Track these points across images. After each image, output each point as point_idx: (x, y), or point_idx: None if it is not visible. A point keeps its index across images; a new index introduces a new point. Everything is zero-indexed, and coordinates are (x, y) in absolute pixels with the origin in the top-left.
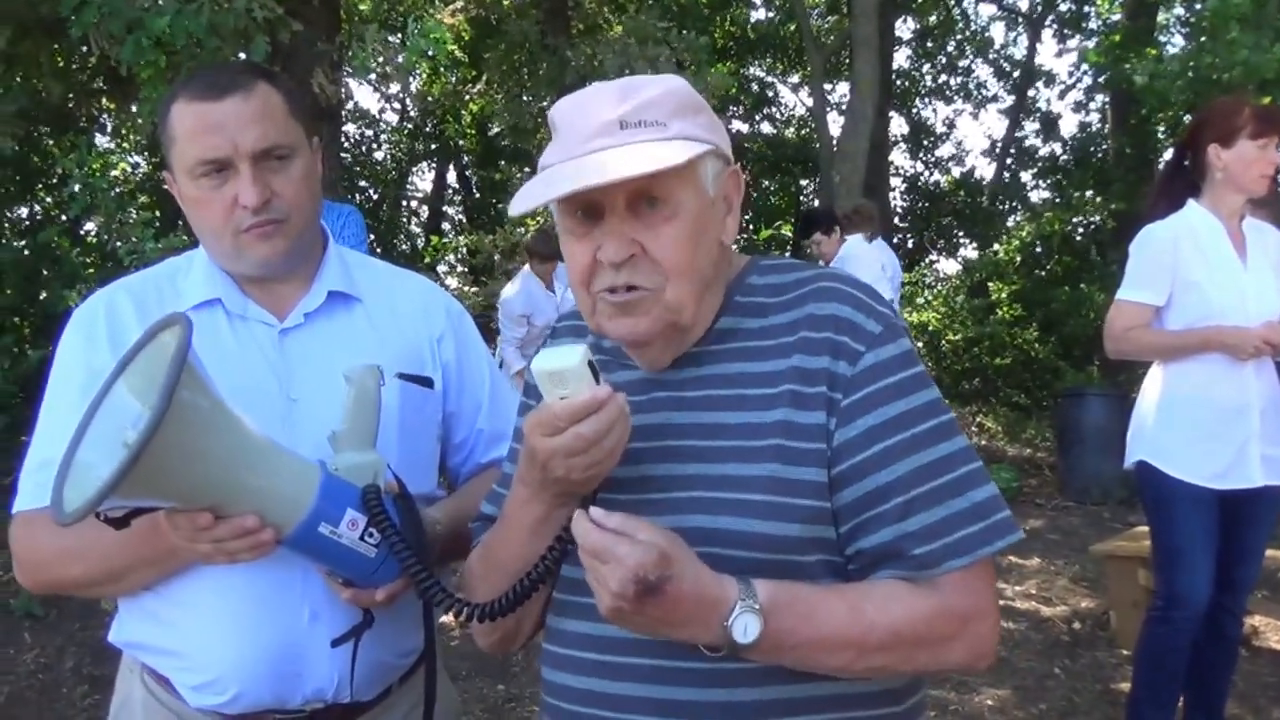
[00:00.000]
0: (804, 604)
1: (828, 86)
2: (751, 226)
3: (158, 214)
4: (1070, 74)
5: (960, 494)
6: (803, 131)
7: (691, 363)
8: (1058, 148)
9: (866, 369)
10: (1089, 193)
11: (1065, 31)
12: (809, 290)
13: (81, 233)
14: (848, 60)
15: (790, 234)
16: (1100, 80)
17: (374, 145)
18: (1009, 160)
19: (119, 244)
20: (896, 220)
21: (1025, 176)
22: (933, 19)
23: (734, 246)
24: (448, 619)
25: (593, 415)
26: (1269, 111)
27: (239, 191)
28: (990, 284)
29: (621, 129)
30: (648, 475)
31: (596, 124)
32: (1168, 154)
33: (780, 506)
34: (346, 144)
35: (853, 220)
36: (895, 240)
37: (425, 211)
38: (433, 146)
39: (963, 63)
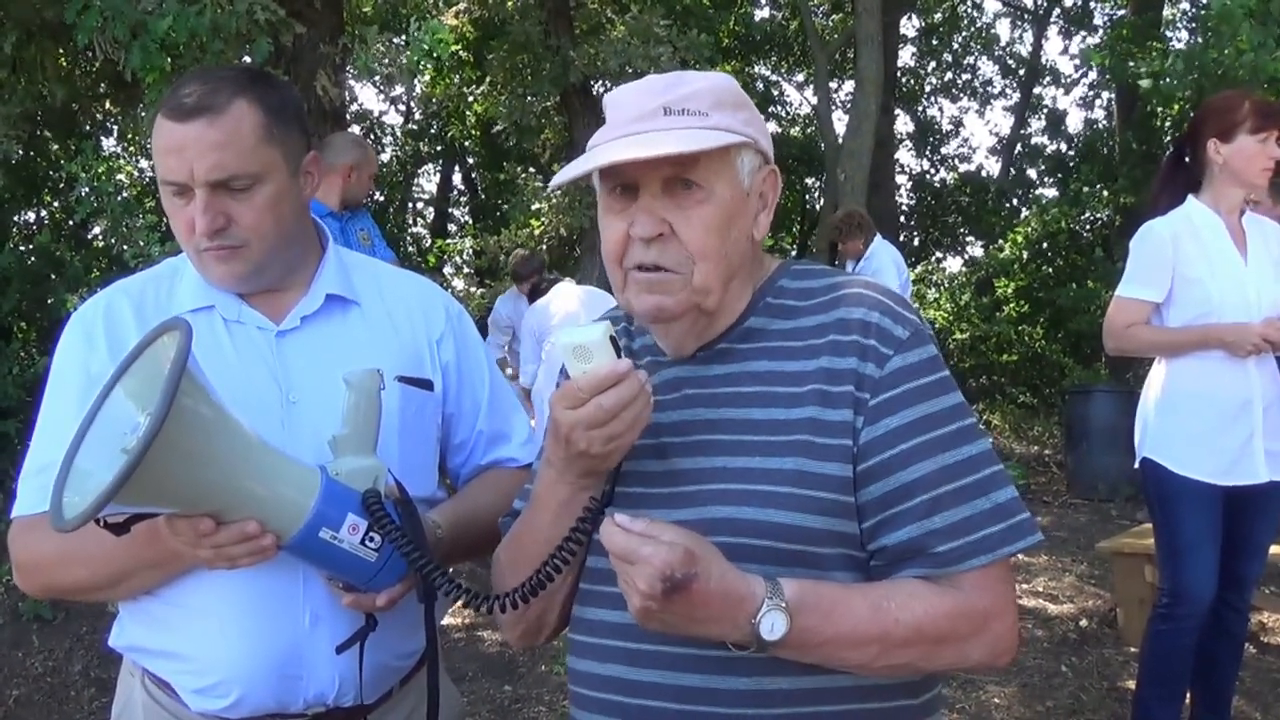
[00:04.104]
0: (829, 601)
1: (832, 85)
2: None
3: (163, 218)
4: (1076, 68)
5: (984, 494)
6: (808, 130)
7: (720, 360)
8: (1064, 144)
9: (894, 371)
10: (1096, 187)
11: (1071, 28)
12: (840, 295)
13: (89, 237)
14: (852, 58)
15: (793, 244)
16: (1105, 77)
17: (379, 147)
18: (1015, 157)
19: (125, 248)
20: (902, 218)
21: (1031, 173)
22: (937, 16)
23: None
24: (451, 620)
25: (613, 388)
26: (1269, 106)
27: (195, 216)
28: (996, 281)
29: (665, 114)
30: (677, 469)
31: (642, 109)
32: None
33: (804, 499)
34: None
35: (844, 229)
36: (901, 238)
37: (431, 213)
38: (438, 148)
39: (968, 60)
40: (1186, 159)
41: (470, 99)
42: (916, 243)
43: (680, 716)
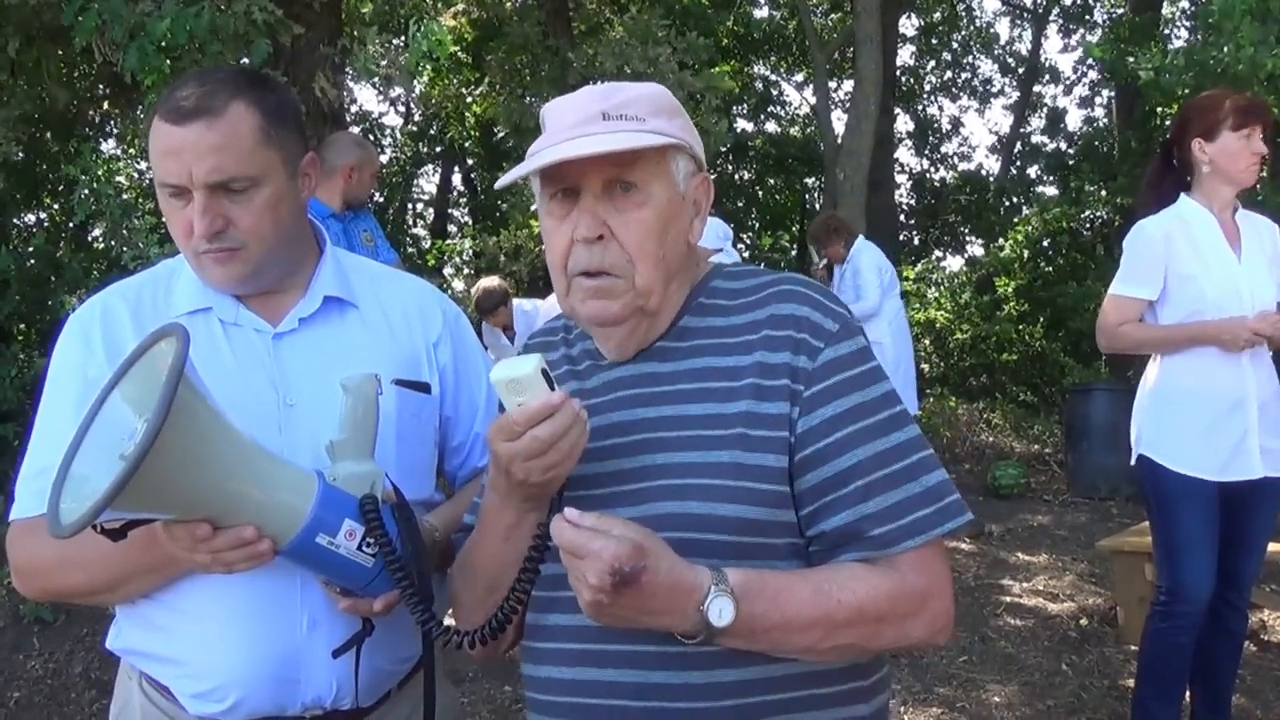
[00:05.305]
0: (772, 588)
1: (831, 84)
2: (757, 226)
3: (163, 219)
4: (1075, 68)
5: (914, 478)
6: (807, 130)
7: (656, 359)
8: (1064, 143)
9: (826, 363)
10: (1095, 186)
11: (1070, 26)
12: (771, 293)
13: (89, 239)
14: (851, 58)
15: (792, 243)
16: (1105, 75)
17: (378, 148)
18: (1015, 156)
19: (124, 250)
20: (902, 217)
21: (1031, 172)
22: (936, 15)
23: (740, 250)
24: (451, 621)
25: (548, 419)
26: (1248, 102)
27: (193, 218)
28: (996, 280)
29: (603, 119)
30: (618, 469)
31: (582, 115)
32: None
33: (743, 491)
34: None
35: (822, 236)
36: (901, 237)
37: (431, 214)
38: (437, 149)
39: (967, 59)
40: (1174, 163)
41: (469, 100)
42: (916, 241)
43: (641, 713)
